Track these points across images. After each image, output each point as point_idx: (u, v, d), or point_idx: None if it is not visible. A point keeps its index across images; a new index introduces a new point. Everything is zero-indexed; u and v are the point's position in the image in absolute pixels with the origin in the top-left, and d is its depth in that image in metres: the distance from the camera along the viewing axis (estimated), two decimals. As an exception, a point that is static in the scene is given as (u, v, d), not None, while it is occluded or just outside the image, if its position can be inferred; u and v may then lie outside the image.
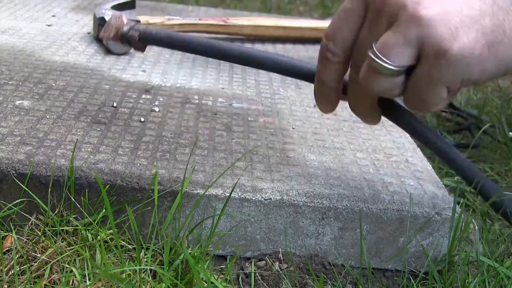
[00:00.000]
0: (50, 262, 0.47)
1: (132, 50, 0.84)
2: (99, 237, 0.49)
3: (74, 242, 0.49)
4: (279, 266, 0.52)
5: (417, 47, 0.42)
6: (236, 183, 0.52)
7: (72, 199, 0.50)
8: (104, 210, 0.50)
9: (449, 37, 0.41)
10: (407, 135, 0.70)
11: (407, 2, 0.42)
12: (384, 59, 0.42)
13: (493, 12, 0.42)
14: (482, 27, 0.42)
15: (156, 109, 0.66)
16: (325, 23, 1.07)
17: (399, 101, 0.48)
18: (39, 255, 0.47)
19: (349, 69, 0.48)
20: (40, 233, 0.49)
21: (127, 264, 0.49)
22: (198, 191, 0.51)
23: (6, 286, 0.45)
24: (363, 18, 0.45)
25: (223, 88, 0.76)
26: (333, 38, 0.47)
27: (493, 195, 0.51)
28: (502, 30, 0.43)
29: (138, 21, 0.61)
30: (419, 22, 0.41)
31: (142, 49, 0.59)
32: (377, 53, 0.42)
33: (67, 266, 0.47)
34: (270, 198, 0.52)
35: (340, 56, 0.47)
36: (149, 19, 0.91)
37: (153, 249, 0.50)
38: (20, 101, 0.62)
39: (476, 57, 0.42)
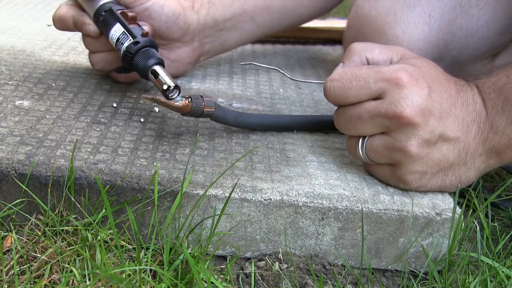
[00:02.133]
0: (50, 262, 0.47)
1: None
2: (99, 237, 0.49)
3: (74, 242, 0.49)
4: (279, 266, 0.52)
5: (395, 163, 0.54)
6: (236, 183, 0.52)
7: (72, 199, 0.50)
8: (104, 210, 0.50)
9: (417, 178, 0.54)
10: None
11: (410, 132, 0.51)
12: (364, 155, 0.55)
13: (459, 167, 0.54)
14: (444, 177, 0.55)
15: (156, 109, 0.66)
16: (325, 23, 1.07)
17: None
18: (39, 255, 0.47)
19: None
20: (40, 233, 0.49)
21: (127, 264, 0.49)
22: (198, 191, 0.51)
23: (6, 286, 0.45)
24: (373, 97, 0.53)
25: (223, 88, 0.76)
26: (337, 121, 0.57)
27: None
28: (458, 180, 0.55)
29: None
30: (406, 155, 0.52)
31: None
32: (363, 147, 0.55)
33: (67, 266, 0.47)
34: (270, 198, 0.52)
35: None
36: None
37: (153, 249, 0.50)
38: (20, 101, 0.62)
39: (423, 190, 0.56)
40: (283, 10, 0.81)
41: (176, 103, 0.56)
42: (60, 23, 0.66)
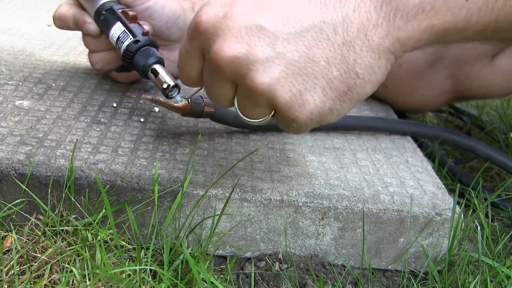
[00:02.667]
0: (50, 262, 0.47)
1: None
2: (99, 237, 0.49)
3: (74, 242, 0.49)
4: (279, 266, 0.52)
5: (270, 107, 0.42)
6: (236, 183, 0.52)
7: (72, 199, 0.50)
8: (104, 210, 0.50)
9: (295, 105, 0.40)
10: (408, 136, 0.70)
11: (242, 70, 0.40)
12: (246, 117, 0.44)
13: (343, 57, 0.39)
14: (329, 81, 0.40)
15: (156, 109, 0.66)
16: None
17: None
18: (39, 255, 0.47)
19: None
20: (40, 233, 0.49)
21: (127, 264, 0.49)
22: (198, 191, 0.51)
23: (6, 286, 0.45)
24: (202, 58, 0.44)
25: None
26: (180, 74, 0.47)
27: None
28: (354, 73, 0.40)
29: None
30: (260, 92, 0.40)
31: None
32: (239, 111, 0.44)
33: (67, 266, 0.47)
34: (270, 198, 0.52)
35: (195, 82, 0.47)
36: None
37: (153, 249, 0.50)
38: (20, 101, 0.62)
39: (327, 112, 0.41)
40: None
41: (175, 104, 0.56)
42: (61, 22, 0.66)
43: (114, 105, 0.65)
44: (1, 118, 0.58)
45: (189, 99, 0.56)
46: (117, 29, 0.61)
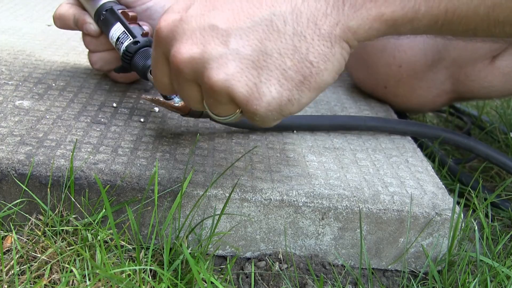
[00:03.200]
0: (50, 262, 0.47)
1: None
2: (99, 237, 0.49)
3: (74, 242, 0.49)
4: (279, 266, 0.52)
5: (233, 102, 0.42)
6: (236, 183, 0.52)
7: (72, 199, 0.50)
8: (104, 210, 0.50)
9: (252, 98, 0.41)
10: (408, 136, 0.70)
11: (199, 69, 0.41)
12: (216, 116, 0.45)
13: (295, 47, 0.40)
14: (284, 72, 0.40)
15: (156, 109, 0.66)
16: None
17: None
18: (39, 255, 0.47)
19: None
20: (40, 233, 0.49)
21: (127, 264, 0.49)
22: (198, 191, 0.51)
23: (6, 286, 0.45)
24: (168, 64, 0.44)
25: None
26: (155, 83, 0.48)
27: None
28: (308, 63, 0.40)
29: None
30: (218, 89, 0.41)
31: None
32: (208, 110, 0.44)
33: (67, 266, 0.47)
34: (270, 198, 0.52)
35: (168, 89, 0.47)
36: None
37: (153, 249, 0.50)
38: (20, 101, 0.62)
39: (285, 102, 0.41)
40: None
41: (175, 104, 0.56)
42: (61, 22, 0.66)
43: (114, 105, 0.65)
44: (1, 118, 0.58)
45: None
46: (117, 30, 0.61)
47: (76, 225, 0.50)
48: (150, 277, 0.48)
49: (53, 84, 0.68)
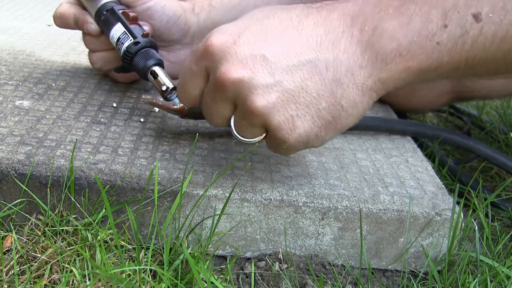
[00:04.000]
0: (50, 262, 0.47)
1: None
2: (99, 237, 0.49)
3: (74, 242, 0.49)
4: (279, 266, 0.52)
5: (263, 128, 0.46)
6: (236, 183, 0.52)
7: (72, 199, 0.50)
8: (104, 210, 0.50)
9: (286, 128, 0.45)
10: (408, 136, 0.70)
11: (244, 92, 0.44)
12: (240, 136, 0.48)
13: (332, 91, 0.44)
14: (318, 111, 0.45)
15: (156, 109, 0.66)
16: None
17: None
18: (39, 255, 0.47)
19: None
20: (40, 233, 0.49)
21: (127, 264, 0.49)
22: (198, 191, 0.51)
23: (6, 286, 0.45)
24: (206, 79, 0.48)
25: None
26: (181, 93, 0.50)
27: None
28: (339, 106, 0.45)
29: None
30: (257, 113, 0.44)
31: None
32: (234, 129, 0.48)
33: (67, 266, 0.47)
34: (270, 198, 0.52)
35: (194, 101, 0.50)
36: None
37: (153, 249, 0.50)
38: (20, 101, 0.62)
39: (313, 137, 0.46)
40: None
41: (174, 106, 0.56)
42: (61, 21, 0.66)
43: (114, 105, 0.65)
44: (1, 118, 0.58)
45: None
46: (117, 30, 0.61)
47: (76, 225, 0.50)
48: (150, 277, 0.48)
49: (53, 84, 0.68)
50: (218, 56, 0.45)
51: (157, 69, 0.59)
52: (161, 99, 0.58)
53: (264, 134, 0.47)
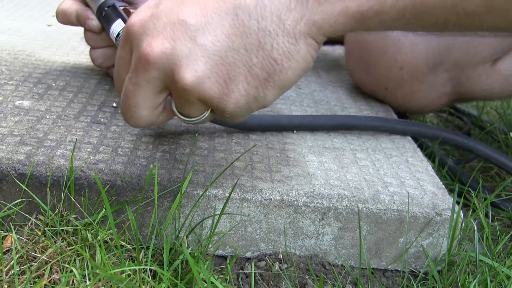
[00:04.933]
0: (50, 262, 0.47)
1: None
2: (99, 237, 0.49)
3: (74, 242, 0.49)
4: (279, 266, 0.52)
5: (202, 102, 0.42)
6: (236, 183, 0.52)
7: (72, 199, 0.50)
8: (104, 210, 0.50)
9: (221, 95, 0.40)
10: (408, 136, 0.70)
11: (170, 67, 0.40)
12: (183, 117, 0.44)
13: (260, 43, 0.39)
14: (250, 69, 0.40)
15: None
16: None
17: None
18: (39, 255, 0.47)
19: None
20: (40, 233, 0.49)
21: (127, 264, 0.49)
22: (198, 191, 0.51)
23: (6, 286, 0.45)
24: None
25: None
26: (116, 82, 0.46)
27: None
28: (272, 60, 0.40)
29: None
30: (189, 88, 0.40)
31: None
32: (176, 111, 0.44)
33: (67, 266, 0.47)
34: (270, 198, 0.52)
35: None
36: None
37: (153, 249, 0.50)
38: (20, 101, 0.62)
39: (252, 100, 0.41)
40: None
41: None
42: (63, 17, 0.66)
43: (114, 105, 0.65)
44: (1, 118, 0.58)
45: None
46: (117, 26, 0.62)
47: (76, 225, 0.50)
48: (150, 277, 0.48)
49: (53, 84, 0.68)
50: (138, 33, 0.40)
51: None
52: None
53: (209, 109, 0.43)
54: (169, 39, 0.39)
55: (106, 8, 0.63)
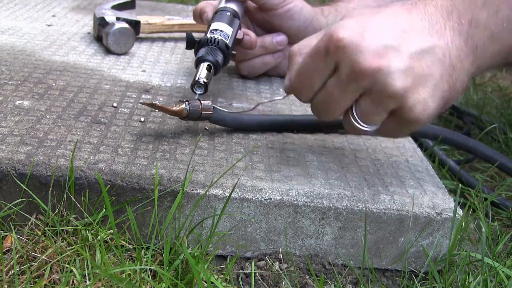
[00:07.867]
0: (50, 262, 0.47)
1: (132, 49, 0.84)
2: (99, 237, 0.49)
3: (74, 242, 0.49)
4: (279, 266, 0.52)
5: (391, 111, 0.49)
6: (236, 183, 0.52)
7: (72, 199, 0.50)
8: (104, 210, 0.50)
9: (420, 108, 0.48)
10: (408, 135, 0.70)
11: (383, 78, 0.47)
12: (362, 124, 0.51)
13: (450, 76, 0.49)
14: (443, 93, 0.49)
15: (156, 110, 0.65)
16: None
17: None
18: (39, 255, 0.47)
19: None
20: (40, 233, 0.49)
21: (127, 264, 0.49)
22: (198, 191, 0.51)
23: (6, 286, 0.45)
24: (332, 73, 0.50)
25: (223, 88, 0.76)
26: (301, 88, 0.53)
27: None
28: (455, 88, 0.50)
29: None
30: (396, 95, 0.47)
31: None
32: (356, 117, 0.51)
33: (67, 266, 0.47)
34: (270, 198, 0.52)
35: (312, 95, 0.53)
36: (149, 19, 0.91)
37: (153, 249, 0.50)
38: (20, 101, 0.62)
39: (433, 115, 0.50)
40: None
41: (173, 108, 0.56)
42: (195, 15, 0.77)
43: (114, 105, 0.65)
44: (1, 118, 0.58)
45: (186, 102, 0.57)
46: (227, 28, 0.69)
47: (76, 225, 0.50)
48: (150, 277, 0.48)
49: (53, 84, 0.68)
50: (350, 49, 0.48)
51: (203, 63, 0.64)
52: (161, 100, 0.58)
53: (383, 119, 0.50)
54: (384, 59, 0.47)
55: (228, 12, 0.72)
